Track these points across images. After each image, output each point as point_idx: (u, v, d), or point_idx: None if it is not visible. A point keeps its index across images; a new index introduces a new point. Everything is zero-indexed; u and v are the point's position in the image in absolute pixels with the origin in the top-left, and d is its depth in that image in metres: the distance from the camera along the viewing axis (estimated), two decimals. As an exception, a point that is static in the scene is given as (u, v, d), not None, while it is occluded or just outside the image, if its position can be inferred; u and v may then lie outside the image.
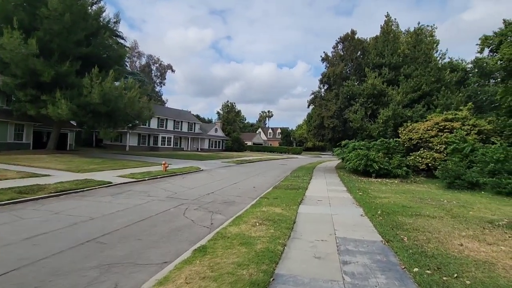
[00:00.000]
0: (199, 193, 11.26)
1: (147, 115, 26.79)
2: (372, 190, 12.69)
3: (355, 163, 18.21)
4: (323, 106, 23.20)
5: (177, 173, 17.40)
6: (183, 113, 55.15)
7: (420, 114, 19.55)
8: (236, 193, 11.84)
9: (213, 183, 14.50)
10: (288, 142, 79.61)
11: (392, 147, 18.72)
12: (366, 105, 21.26)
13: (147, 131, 43.14)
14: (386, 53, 22.42)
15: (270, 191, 11.88)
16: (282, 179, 16.70)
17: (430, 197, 10.96)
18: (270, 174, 20.52)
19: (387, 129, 19.67)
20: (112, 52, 26.81)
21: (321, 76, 24.18)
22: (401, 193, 12.06)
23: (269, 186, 14.05)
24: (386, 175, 18.00)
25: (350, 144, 20.25)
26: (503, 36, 16.99)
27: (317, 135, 24.76)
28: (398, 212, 8.07)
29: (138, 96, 23.68)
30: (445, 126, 17.18)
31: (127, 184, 12.52)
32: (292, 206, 8.67)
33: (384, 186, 14.56)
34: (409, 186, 14.57)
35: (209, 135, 55.16)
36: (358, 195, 11.12)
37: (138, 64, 63.98)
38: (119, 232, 5.99)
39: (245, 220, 6.80)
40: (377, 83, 20.54)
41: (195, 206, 8.83)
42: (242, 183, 15.11)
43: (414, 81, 20.65)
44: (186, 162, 26.26)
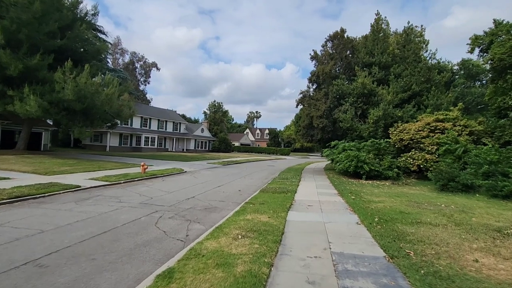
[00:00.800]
0: (178, 198, 10.19)
1: (128, 114, 25.35)
2: (365, 193, 11.97)
3: (345, 164, 17.54)
4: (312, 106, 22.49)
5: (157, 175, 16.22)
6: (168, 113, 53.51)
7: (411, 115, 19.12)
8: (219, 197, 10.85)
9: (195, 186, 13.43)
10: (276, 143, 78.99)
11: (383, 148, 18.17)
12: (356, 105, 20.69)
13: (130, 131, 41.42)
14: (376, 51, 21.97)
15: (256, 195, 10.95)
16: (270, 182, 15.82)
17: (426, 201, 10.31)
18: (257, 176, 19.60)
19: (378, 129, 19.13)
20: (89, 46, 25.26)
21: (310, 74, 23.49)
22: (395, 196, 11.38)
23: (256, 189, 13.13)
24: (376, 177, 17.41)
25: (340, 145, 19.59)
26: (493, 35, 16.74)
27: (306, 136, 24.06)
28: (397, 219, 7.29)
29: (117, 93, 22.26)
30: (436, 126, 16.75)
31: (98, 188, 11.30)
32: (280, 213, 7.77)
33: (376, 188, 13.90)
34: (401, 189, 13.97)
35: (195, 136, 53.74)
36: (351, 199, 10.35)
37: (121, 61, 61.87)
38: (70, 249, 4.89)
39: (225, 232, 5.84)
40: (367, 82, 19.99)
41: (170, 214, 7.78)
42: (226, 186, 14.12)
43: (404, 80, 20.24)
44: (169, 163, 25.05)
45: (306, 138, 24.20)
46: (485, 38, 17.21)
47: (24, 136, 23.76)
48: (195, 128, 55.56)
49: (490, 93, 19.51)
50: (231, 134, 77.98)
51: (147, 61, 65.37)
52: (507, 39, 15.67)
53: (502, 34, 16.41)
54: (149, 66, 65.04)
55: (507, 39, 15.75)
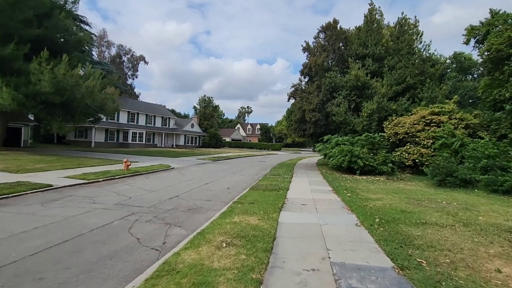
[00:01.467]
0: (160, 197, 9.33)
1: (112, 108, 24.11)
2: (361, 190, 11.34)
3: (338, 159, 16.93)
4: (304, 99, 21.77)
5: (141, 172, 15.27)
6: (156, 107, 52.07)
7: (405, 108, 18.62)
8: (206, 196, 10.04)
9: (181, 183, 12.57)
10: (268, 138, 78.32)
11: (377, 142, 17.62)
12: (349, 98, 20.06)
13: (116, 126, 39.99)
14: (370, 43, 21.34)
15: (246, 193, 10.18)
16: (261, 178, 15.08)
17: (426, 198, 9.74)
18: (248, 172, 18.83)
19: (372, 123, 18.58)
20: (70, 36, 23.84)
21: (302, 67, 22.71)
22: (392, 193, 10.79)
23: (246, 186, 12.36)
24: (371, 172, 16.88)
25: (333, 139, 18.97)
26: (490, 26, 16.27)
27: (298, 130, 23.36)
28: (399, 219, 6.64)
29: (99, 86, 21.03)
30: (432, 119, 16.27)
31: (72, 188, 10.33)
32: (271, 214, 7.02)
33: (371, 184, 13.31)
34: (397, 185, 13.43)
35: (184, 131, 52.50)
36: (347, 197, 9.69)
37: (108, 54, 59.76)
38: (15, 266, 4.02)
39: (208, 239, 5.05)
40: (360, 74, 19.36)
41: (149, 216, 6.94)
42: (215, 183, 13.30)
43: (398, 73, 19.70)
44: (156, 160, 24.04)
45: (298, 132, 23.51)
46: (481, 29, 16.73)
47: (0, 131, 22.32)
48: (184, 124, 54.29)
49: (484, 86, 19.12)
50: (222, 130, 76.86)
51: (134, 54, 63.44)
52: (504, 29, 15.20)
53: (498, 24, 15.95)
54: (136, 60, 63.12)
55: (504, 29, 15.28)
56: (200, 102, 65.11)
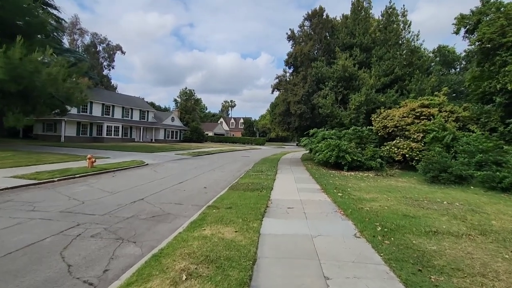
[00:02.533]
0: (121, 200, 7.87)
1: (80, 99, 21.95)
2: (352, 189, 10.32)
3: (325, 154, 15.92)
4: (289, 91, 20.59)
5: (108, 170, 13.61)
6: (134, 100, 49.41)
7: (393, 100, 17.84)
8: (178, 198, 8.65)
9: (152, 183, 11.08)
10: (251, 132, 77.07)
11: (365, 136, 16.77)
12: (336, 90, 19.07)
13: (89, 119, 37.37)
14: (358, 32, 20.36)
15: (224, 194, 8.88)
16: (242, 175, 13.81)
17: (423, 197, 8.81)
18: (229, 168, 17.51)
19: (359, 116, 17.69)
20: (32, 18, 21.37)
21: (287, 56, 21.45)
22: (386, 191, 9.83)
23: (225, 185, 11.06)
24: (358, 168, 16.00)
25: (320, 133, 17.95)
26: (481, 14, 15.60)
27: (282, 124, 22.21)
28: (404, 227, 5.57)
29: (63, 74, 18.88)
30: (422, 112, 15.53)
31: (15, 190, 8.63)
32: (251, 223, 5.77)
33: (361, 181, 12.36)
34: (388, 181, 12.55)
35: (164, 125, 50.25)
36: (338, 197, 8.59)
37: (81, 43, 55.99)
38: None
39: (165, 265, 3.72)
40: (348, 64, 18.37)
41: (97, 229, 5.51)
42: (191, 181, 11.90)
43: (386, 64, 18.87)
44: (130, 155, 22.25)
45: (282, 126, 22.37)
46: (472, 17, 16.05)
47: None
48: (164, 117, 51.97)
49: (471, 78, 18.64)
50: (204, 124, 74.80)
51: (110, 43, 59.80)
52: (497, 17, 14.55)
53: (490, 12, 15.29)
54: (112, 49, 59.52)
55: (496, 18, 14.62)
56: (181, 95, 62.57)
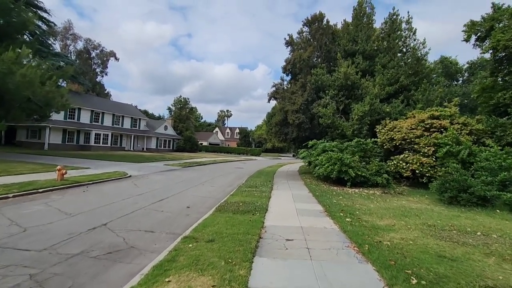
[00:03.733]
0: (76, 227, 6.25)
1: (61, 104, 20.31)
2: (361, 211, 8.79)
3: (326, 168, 14.43)
4: (287, 99, 19.25)
5: (82, 183, 11.94)
6: (125, 107, 47.79)
7: (399, 111, 16.56)
8: (151, 222, 7.04)
9: (126, 200, 9.45)
10: (247, 142, 75.56)
11: (369, 149, 15.35)
12: (337, 99, 17.78)
13: (76, 126, 35.58)
14: (360, 38, 19.27)
15: (208, 218, 7.30)
16: (234, 191, 12.23)
17: (448, 225, 7.31)
18: (220, 182, 15.91)
19: (363, 127, 16.33)
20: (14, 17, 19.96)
21: (285, 62, 20.19)
22: (401, 216, 8.32)
23: (213, 204, 9.48)
24: (363, 184, 14.53)
25: (320, 144, 16.51)
26: (494, 20, 14.56)
27: (279, 134, 20.77)
28: (448, 278, 4.04)
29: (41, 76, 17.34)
30: (432, 124, 14.21)
31: None
32: (238, 268, 4.20)
33: (369, 201, 10.84)
34: (399, 201, 11.06)
35: (157, 133, 48.55)
36: (347, 224, 7.05)
37: (73, 48, 54.68)
38: None
39: None
40: (350, 72, 17.16)
41: (20, 277, 3.91)
42: (173, 199, 10.28)
43: (390, 72, 17.69)
44: (115, 165, 20.61)
45: (279, 136, 20.94)
46: (484, 24, 15.02)
47: None
48: (157, 125, 50.33)
49: (480, 89, 17.57)
50: (199, 133, 73.20)
51: (104, 49, 58.57)
52: (512, 23, 13.50)
53: (504, 19, 14.25)
54: (106, 56, 58.20)
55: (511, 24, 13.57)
56: (175, 103, 61.00)
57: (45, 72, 19.73)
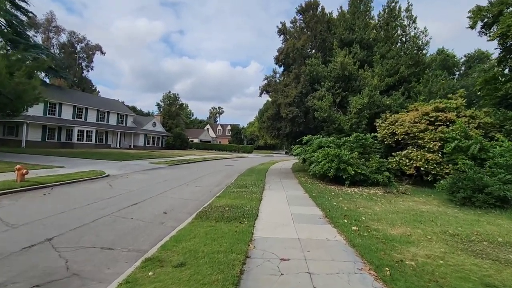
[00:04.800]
0: (8, 245, 4.82)
1: (32, 97, 18.56)
2: (367, 216, 7.53)
3: (323, 166, 13.18)
4: (279, 92, 17.93)
5: (45, 184, 10.40)
6: (111, 103, 45.72)
7: (400, 103, 15.42)
8: (112, 235, 5.65)
9: (92, 205, 8.00)
10: (239, 140, 74.09)
11: (369, 145, 14.17)
12: (333, 91, 16.54)
13: (57, 123, 33.56)
14: (358, 26, 18.05)
15: (185, 229, 5.94)
16: (221, 192, 10.87)
17: (471, 232, 6.11)
18: (208, 181, 14.53)
19: (361, 121, 15.13)
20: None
21: (277, 52, 18.79)
22: (414, 221, 7.10)
23: (195, 208, 8.13)
24: (362, 182, 13.34)
25: (315, 140, 15.26)
26: (502, 4, 13.46)
27: (272, 129, 19.43)
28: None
29: (9, 66, 15.60)
30: (437, 117, 13.08)
31: None
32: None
33: (372, 202, 9.62)
34: (405, 202, 9.88)
35: (145, 130, 46.68)
36: (355, 235, 5.78)
37: (56, 41, 52.12)
38: None
39: None
40: (347, 61, 15.92)
41: None
42: (150, 202, 8.87)
43: (390, 63, 16.53)
44: (94, 164, 19.05)
45: (271, 132, 19.62)
46: (491, 9, 13.91)
47: None
48: (145, 122, 48.40)
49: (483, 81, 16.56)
50: (190, 130, 71.39)
51: (89, 43, 56.07)
52: (524, 7, 12.42)
53: (514, 3, 13.17)
54: (91, 49, 55.75)
55: (523, 8, 12.50)
56: (165, 99, 58.90)
57: (15, 62, 17.96)
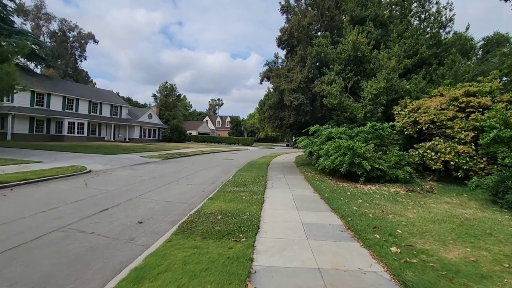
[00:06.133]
0: None
1: (8, 84, 16.65)
2: (401, 227, 5.73)
3: (334, 160, 11.37)
4: (282, 77, 15.99)
5: (4, 184, 8.64)
6: (104, 93, 43.70)
7: (421, 88, 13.50)
8: (52, 263, 3.85)
9: (48, 212, 6.23)
10: (239, 132, 72.16)
11: (386, 135, 12.32)
12: (343, 75, 14.61)
13: (45, 114, 31.66)
14: (371, 1, 15.95)
15: (157, 252, 4.15)
16: (215, 192, 9.08)
17: None
18: (201, 178, 12.76)
19: (377, 108, 13.26)
20: None
21: (280, 33, 16.71)
22: (470, 236, 5.32)
23: (179, 215, 6.36)
24: (378, 179, 11.53)
25: (324, 131, 13.41)
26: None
27: (274, 119, 17.51)
28: None
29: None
30: (468, 102, 11.20)
31: None
32: None
33: (399, 205, 7.82)
34: (438, 204, 8.09)
35: (140, 122, 44.77)
36: (403, 266, 3.99)
37: (46, 29, 49.76)
38: None
39: None
40: (361, 40, 13.95)
41: None
42: (124, 207, 7.07)
43: (407, 43, 14.55)
44: (78, 158, 17.45)
45: (273, 122, 17.71)
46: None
47: None
48: (140, 114, 46.45)
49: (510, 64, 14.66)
50: (188, 122, 69.45)
51: (82, 31, 53.64)
52: None
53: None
54: (84, 38, 53.39)
55: None
56: (161, 89, 56.65)
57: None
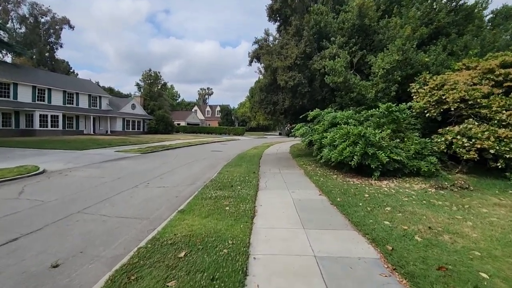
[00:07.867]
0: None
1: None
2: (475, 260, 3.54)
3: (342, 150, 9.13)
4: (274, 54, 13.52)
5: None
6: (81, 83, 40.30)
7: (441, 61, 11.28)
8: None
9: None
10: (229, 121, 69.42)
11: (403, 119, 10.09)
12: (347, 49, 12.26)
13: (12, 106, 28.45)
14: (379, -41, 13.50)
15: None
16: (191, 199, 6.74)
17: None
18: (179, 176, 10.41)
19: (390, 86, 11.00)
20: None
21: (272, 1, 14.17)
22: None
23: (126, 246, 3.96)
24: (394, 172, 9.38)
25: (326, 115, 11.12)
26: None
27: (266, 104, 15.03)
28: None
29: None
30: (507, 75, 9.01)
31: None
32: None
33: (443, 213, 5.65)
34: (492, 209, 5.98)
35: (123, 113, 41.67)
36: None
37: (15, 14, 45.48)
38: None
39: None
40: (368, 4, 11.55)
41: None
42: (52, 230, 4.65)
43: (423, 7, 12.23)
44: (38, 155, 15.18)
45: (266, 108, 15.28)
46: None
47: None
48: (123, 104, 43.27)
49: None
50: (176, 113, 66.29)
51: (56, 16, 49.40)
52: None
53: None
54: (58, 23, 49.19)
55: None
56: (145, 78, 53.05)
57: None
